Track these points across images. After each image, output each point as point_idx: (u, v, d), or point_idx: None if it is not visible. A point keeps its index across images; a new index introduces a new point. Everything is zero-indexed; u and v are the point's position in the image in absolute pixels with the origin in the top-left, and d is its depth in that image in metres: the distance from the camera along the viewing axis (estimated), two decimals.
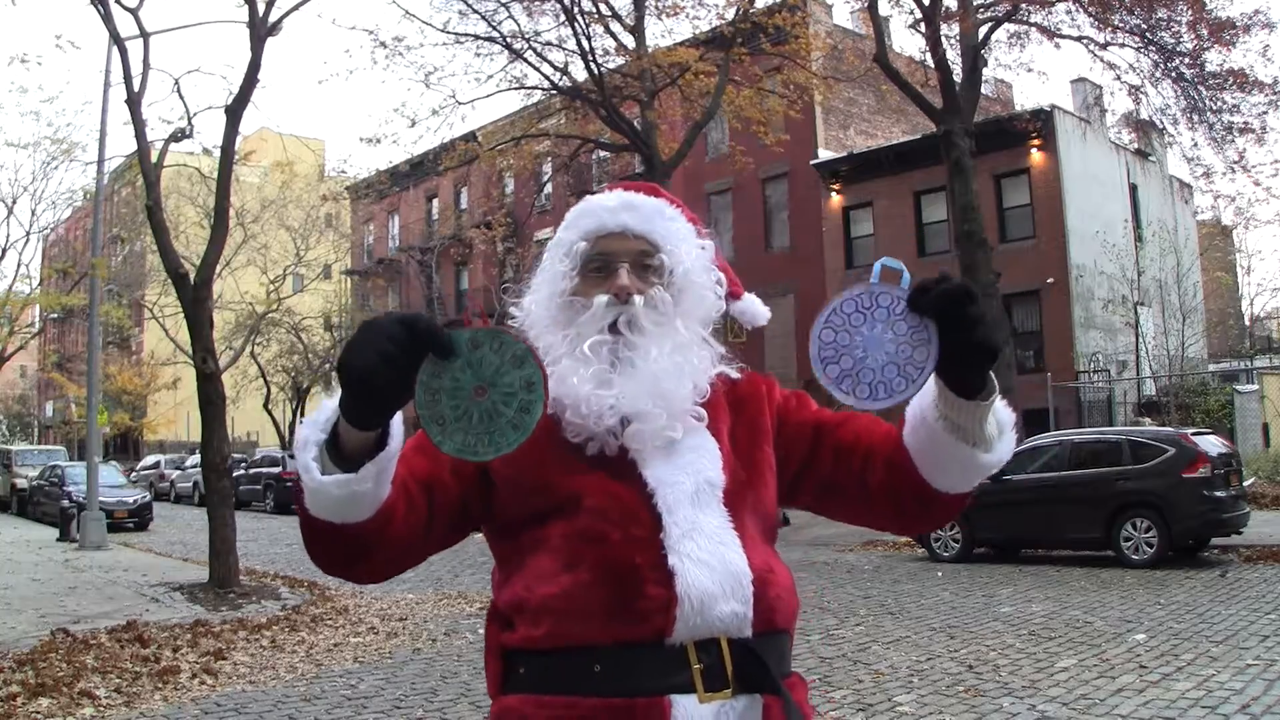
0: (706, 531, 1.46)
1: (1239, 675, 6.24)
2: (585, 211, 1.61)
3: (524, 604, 1.46)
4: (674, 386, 1.50)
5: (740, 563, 1.45)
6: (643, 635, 1.40)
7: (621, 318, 1.52)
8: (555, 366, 1.49)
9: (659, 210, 1.61)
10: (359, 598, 10.78)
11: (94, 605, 10.06)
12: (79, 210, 32.15)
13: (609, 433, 1.49)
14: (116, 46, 12.48)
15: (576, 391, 1.48)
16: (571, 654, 1.41)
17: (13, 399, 57.49)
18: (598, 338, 1.51)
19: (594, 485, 1.48)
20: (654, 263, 1.56)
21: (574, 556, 1.44)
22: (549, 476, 1.49)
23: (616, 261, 1.55)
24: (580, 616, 1.41)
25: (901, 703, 5.93)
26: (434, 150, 22.86)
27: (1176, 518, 11.29)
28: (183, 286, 11.88)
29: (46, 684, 6.47)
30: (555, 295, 1.57)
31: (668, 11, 19.33)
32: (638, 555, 1.43)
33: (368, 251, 41.47)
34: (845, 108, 26.98)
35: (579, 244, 1.57)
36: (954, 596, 9.97)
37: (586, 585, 1.42)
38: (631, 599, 1.41)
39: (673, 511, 1.46)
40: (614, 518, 1.45)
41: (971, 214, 16.77)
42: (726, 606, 1.42)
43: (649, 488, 1.48)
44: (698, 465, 1.51)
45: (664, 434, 1.50)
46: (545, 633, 1.43)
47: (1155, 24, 16.68)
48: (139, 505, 21.57)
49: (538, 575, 1.46)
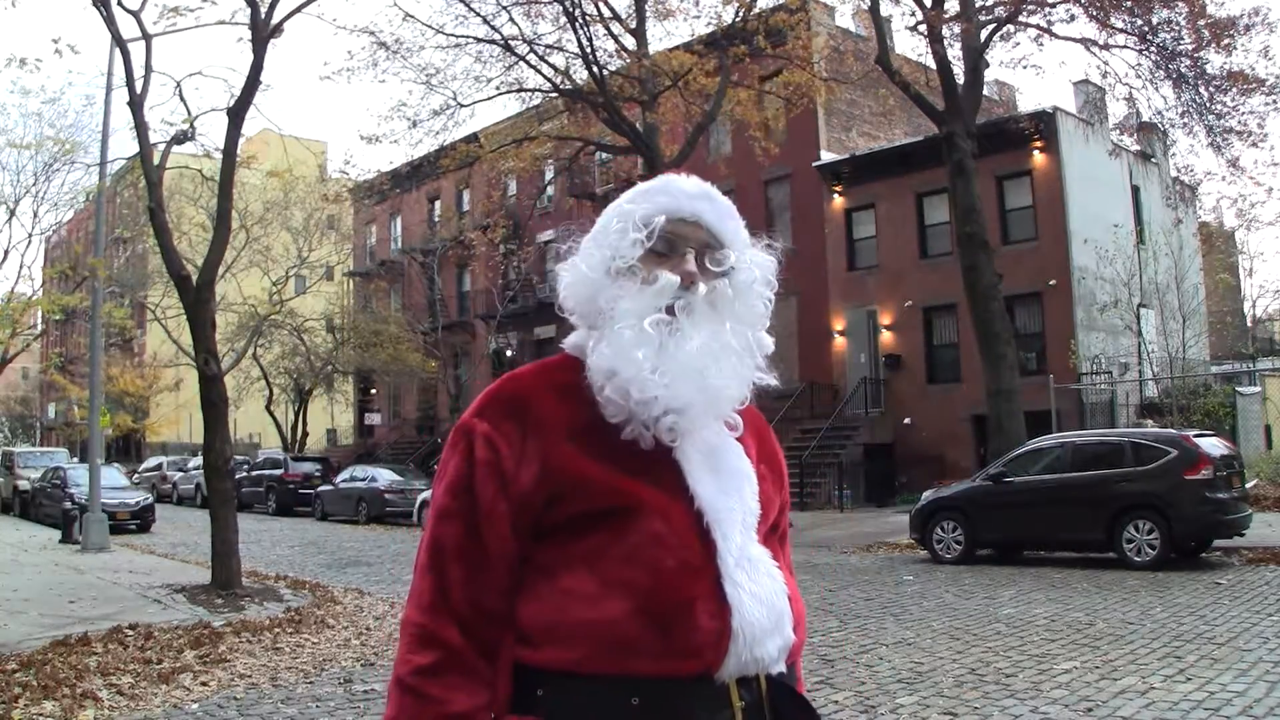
0: (755, 561, 1.42)
1: (1241, 677, 6.23)
2: (663, 189, 1.55)
3: (556, 626, 1.37)
4: (722, 383, 1.45)
5: (784, 596, 1.43)
6: (690, 670, 1.34)
7: (680, 302, 1.46)
8: (616, 335, 1.43)
9: (731, 211, 1.56)
10: (361, 599, 10.79)
11: (96, 607, 10.07)
12: (81, 212, 32.16)
13: (647, 422, 1.42)
14: (119, 48, 12.50)
15: (635, 370, 1.40)
16: (608, 683, 1.34)
17: (15, 401, 57.56)
18: (656, 316, 1.44)
19: (646, 501, 1.40)
20: (719, 258, 1.51)
21: (621, 581, 1.36)
22: (589, 473, 1.41)
23: (685, 246, 1.50)
24: (625, 647, 1.33)
25: (904, 704, 5.93)
26: (435, 152, 22.88)
27: (1178, 519, 11.28)
28: (185, 288, 11.89)
29: (49, 686, 6.47)
30: (619, 259, 1.49)
31: (667, 14, 19.36)
32: (693, 585, 1.36)
33: (370, 253, 41.51)
34: (847, 109, 26.98)
35: (658, 218, 1.49)
36: (956, 598, 9.96)
37: (634, 614, 1.34)
38: (684, 632, 1.34)
39: (728, 538, 1.41)
40: (669, 543, 1.38)
41: (973, 216, 16.78)
42: (773, 644, 1.39)
43: (698, 504, 1.42)
44: (741, 487, 1.47)
45: (703, 434, 1.46)
46: (581, 657, 1.34)
47: (1155, 26, 16.69)
48: (141, 507, 21.57)
49: (574, 595, 1.37)
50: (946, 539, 13.04)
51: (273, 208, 32.32)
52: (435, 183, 36.55)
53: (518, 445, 1.42)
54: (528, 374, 1.53)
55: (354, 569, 14.19)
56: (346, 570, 14.03)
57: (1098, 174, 22.75)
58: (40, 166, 25.28)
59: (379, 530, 21.82)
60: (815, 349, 25.94)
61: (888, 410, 24.59)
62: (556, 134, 22.62)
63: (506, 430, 1.43)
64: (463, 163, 22.72)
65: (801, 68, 19.59)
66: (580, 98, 20.00)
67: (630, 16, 19.37)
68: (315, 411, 40.04)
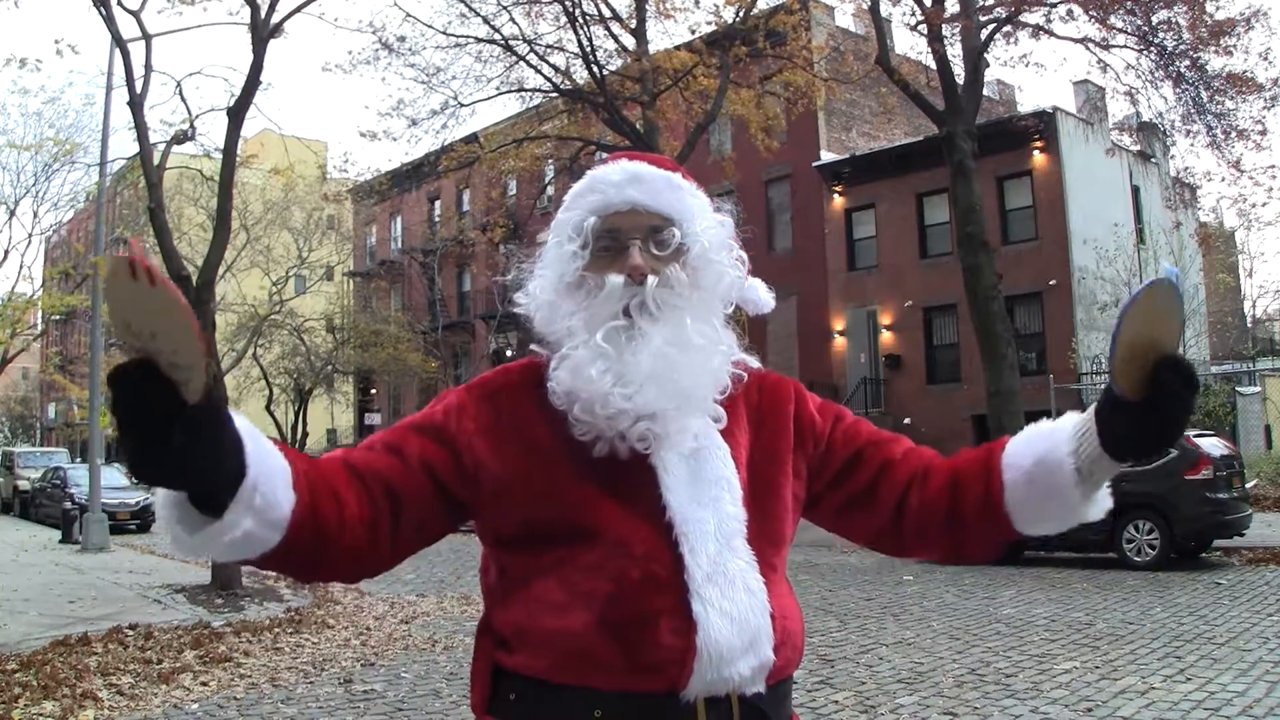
0: (731, 575, 1.35)
1: (1241, 677, 6.23)
2: (589, 188, 1.48)
3: (525, 632, 1.36)
4: (691, 382, 1.38)
5: (763, 615, 1.36)
6: (653, 687, 1.31)
7: (635, 300, 1.39)
8: (570, 355, 1.39)
9: (668, 182, 1.47)
10: (362, 599, 10.79)
11: (96, 607, 10.07)
12: (81, 212, 32.19)
13: (620, 434, 1.37)
14: (119, 48, 12.50)
15: (594, 387, 1.35)
16: (573, 694, 1.32)
17: (15, 401, 57.56)
18: (612, 324, 1.38)
19: (611, 512, 1.36)
20: (667, 237, 1.43)
21: (585, 591, 1.33)
22: (555, 485, 1.37)
23: (628, 238, 1.43)
24: (587, 659, 1.31)
25: (904, 704, 5.92)
26: (435, 152, 22.89)
27: (1179, 520, 11.28)
28: (185, 288, 11.85)
29: (49, 686, 6.47)
30: (565, 276, 1.44)
31: (666, 14, 19.36)
32: (657, 600, 1.32)
33: (370, 253, 41.52)
34: (847, 109, 26.98)
35: (588, 220, 1.44)
36: (956, 598, 9.96)
37: (596, 628, 1.31)
38: (646, 648, 1.31)
39: (696, 552, 1.34)
40: (635, 553, 1.34)
41: (974, 216, 16.76)
42: (745, 664, 1.33)
43: (669, 516, 1.36)
44: (719, 496, 1.39)
45: (680, 437, 1.39)
46: (547, 665, 1.34)
47: (1155, 26, 16.68)
48: (141, 507, 21.58)
49: (542, 604, 1.36)
50: None
51: (273, 208, 32.34)
52: (435, 183, 36.54)
53: (486, 426, 1.42)
54: (517, 370, 1.51)
55: None
56: None
57: (1098, 174, 22.75)
58: (40, 166, 25.34)
59: None
60: (815, 349, 25.94)
61: (888, 410, 24.58)
62: (557, 134, 22.63)
63: (480, 411, 1.43)
64: (463, 163, 22.73)
65: (801, 68, 19.59)
66: (580, 98, 20.01)
67: (630, 16, 19.37)
68: (315, 412, 40.01)
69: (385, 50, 19.07)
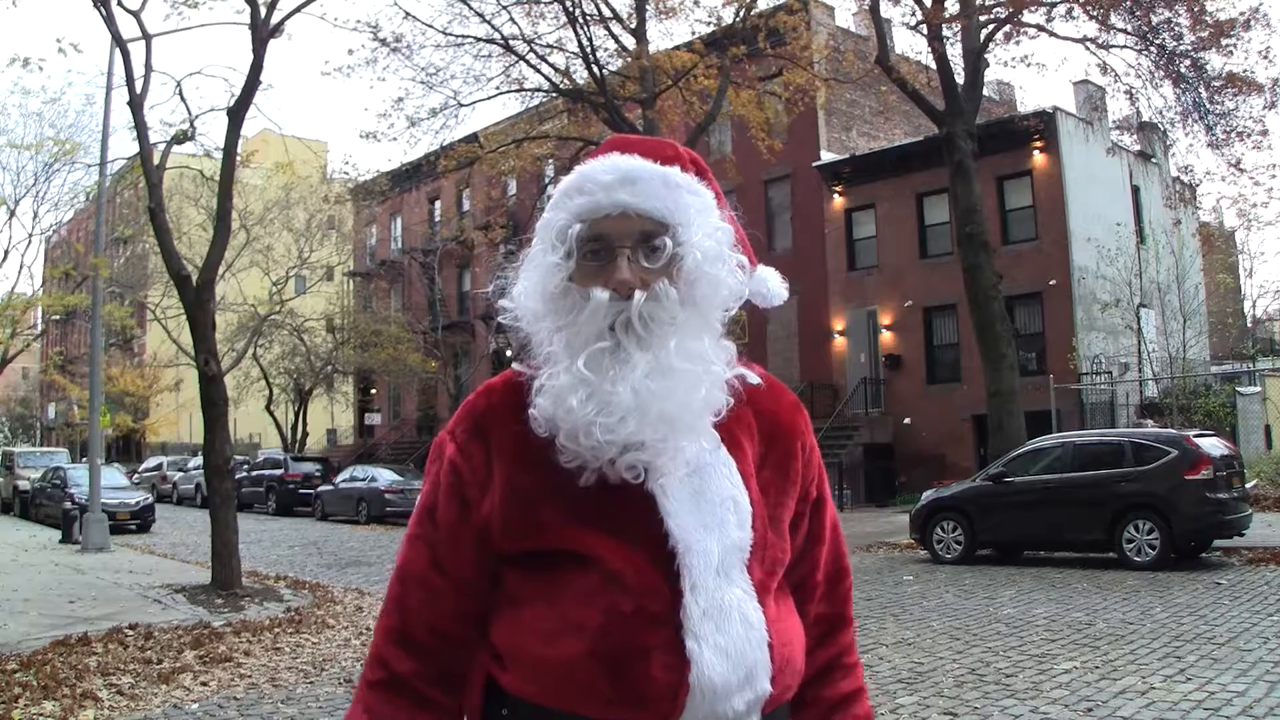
0: (729, 609, 1.30)
1: (1241, 677, 6.23)
2: (577, 187, 1.38)
3: (516, 656, 1.34)
4: (678, 410, 1.30)
5: (761, 648, 1.31)
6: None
7: (620, 317, 1.31)
8: (553, 382, 1.32)
9: (664, 180, 1.37)
10: (362, 600, 10.79)
11: (96, 607, 10.07)
12: (81, 212, 32.20)
13: (609, 461, 1.31)
14: (119, 49, 12.50)
15: (574, 418, 1.29)
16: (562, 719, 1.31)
17: (15, 401, 57.58)
18: (596, 346, 1.30)
19: (606, 540, 1.31)
20: (659, 246, 1.33)
21: (576, 621, 1.29)
22: (546, 513, 1.33)
23: (616, 246, 1.33)
24: (576, 689, 1.29)
25: (904, 704, 5.93)
26: (435, 152, 22.90)
27: (1179, 520, 11.28)
28: (185, 288, 11.89)
29: (49, 686, 6.47)
30: (549, 286, 1.35)
31: (666, 14, 19.37)
32: (649, 635, 1.28)
33: (370, 253, 41.53)
34: (847, 109, 26.98)
35: (573, 226, 1.35)
36: (956, 598, 9.96)
37: (586, 658, 1.28)
38: (637, 682, 1.27)
39: (695, 588, 1.29)
40: (629, 585, 1.29)
41: (974, 216, 16.77)
42: (740, 699, 1.29)
43: (671, 544, 1.30)
44: (725, 518, 1.33)
45: (673, 463, 1.32)
46: (537, 691, 1.32)
47: (1155, 26, 16.68)
48: (141, 507, 21.57)
49: (532, 630, 1.33)
50: (946, 539, 13.04)
51: (273, 208, 32.35)
52: (435, 183, 36.54)
53: (481, 470, 1.38)
54: (499, 389, 1.44)
55: (354, 569, 14.19)
56: (346, 570, 14.03)
57: (1098, 174, 22.75)
58: (40, 166, 25.35)
59: (379, 530, 21.81)
60: (815, 349, 25.95)
61: (888, 410, 24.59)
62: (556, 134, 22.64)
63: (472, 452, 1.39)
64: (462, 163, 22.74)
65: (802, 68, 19.60)
66: (580, 97, 20.01)
67: (630, 16, 19.38)
68: (315, 411, 40.03)
69: (384, 49, 19.07)
